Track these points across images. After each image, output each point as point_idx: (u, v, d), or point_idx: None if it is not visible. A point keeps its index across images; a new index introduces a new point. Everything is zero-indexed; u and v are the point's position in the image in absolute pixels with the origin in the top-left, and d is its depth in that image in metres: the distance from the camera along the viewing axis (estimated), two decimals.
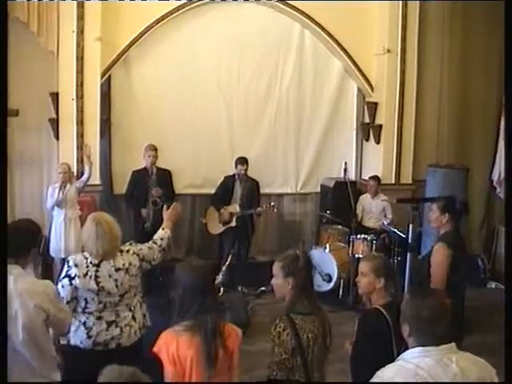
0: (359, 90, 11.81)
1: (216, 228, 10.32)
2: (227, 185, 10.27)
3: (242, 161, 10.18)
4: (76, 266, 4.87)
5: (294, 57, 11.46)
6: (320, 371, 4.34)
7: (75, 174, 9.64)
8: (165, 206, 5.97)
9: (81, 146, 9.91)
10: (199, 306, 3.98)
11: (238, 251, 9.91)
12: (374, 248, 9.70)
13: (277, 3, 10.90)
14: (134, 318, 5.17)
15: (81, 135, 9.97)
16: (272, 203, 10.25)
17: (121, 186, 10.22)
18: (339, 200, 10.86)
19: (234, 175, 10.29)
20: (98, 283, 4.92)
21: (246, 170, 10.17)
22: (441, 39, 11.67)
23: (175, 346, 3.86)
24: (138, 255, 5.21)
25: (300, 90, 11.55)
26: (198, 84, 10.93)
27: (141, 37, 10.36)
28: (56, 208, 9.04)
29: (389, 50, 11.27)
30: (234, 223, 10.13)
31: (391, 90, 11.39)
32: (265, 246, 11.66)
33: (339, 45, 11.28)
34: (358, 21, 11.27)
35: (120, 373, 2.67)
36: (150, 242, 5.50)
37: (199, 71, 10.93)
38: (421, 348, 3.07)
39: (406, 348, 3.25)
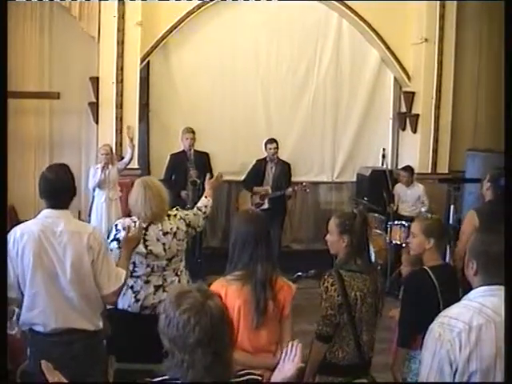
0: (396, 79, 11.81)
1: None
2: (259, 167, 10.29)
3: (271, 141, 10.20)
4: (124, 229, 4.87)
5: (331, 46, 11.49)
6: (369, 335, 4.30)
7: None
8: (208, 175, 6.05)
9: (120, 130, 10.02)
10: (251, 256, 3.99)
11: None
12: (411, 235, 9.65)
13: None
14: (180, 282, 5.21)
15: (120, 119, 10.08)
16: (304, 183, 10.22)
17: (158, 170, 10.27)
18: (375, 189, 10.78)
19: (265, 158, 10.30)
20: (146, 246, 4.96)
21: (276, 149, 10.17)
22: (479, 28, 11.64)
23: (224, 295, 3.81)
24: (184, 220, 5.26)
25: (337, 78, 11.58)
26: (236, 71, 11.02)
27: (180, 23, 10.47)
28: (97, 189, 9.13)
29: (426, 40, 11.26)
30: (266, 205, 10.08)
31: (428, 80, 11.37)
32: (300, 234, 11.68)
33: (377, 34, 11.29)
34: (396, 10, 11.26)
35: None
36: (195, 209, 5.57)
37: (237, 58, 11.02)
38: (486, 287, 3.02)
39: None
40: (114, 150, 9.67)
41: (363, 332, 4.25)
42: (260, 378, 2.69)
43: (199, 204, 5.63)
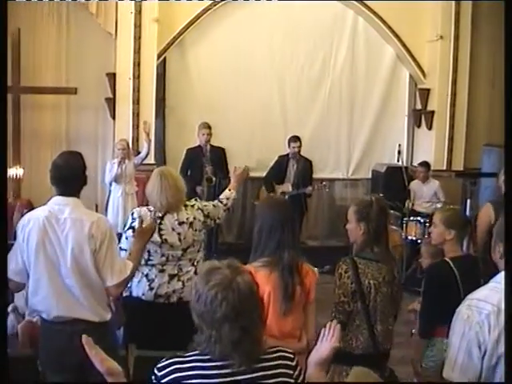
0: (411, 76, 11.82)
1: None
2: (281, 164, 10.31)
3: (295, 139, 10.25)
4: (140, 218, 4.87)
5: (346, 43, 11.55)
6: (384, 325, 4.25)
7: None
8: (236, 167, 6.02)
9: (136, 125, 10.08)
10: (277, 243, 4.01)
11: None
12: (426, 231, 9.67)
13: None
14: (196, 273, 5.08)
15: (137, 114, 10.17)
16: (324, 182, 10.26)
17: (174, 165, 10.23)
18: (391, 185, 10.81)
19: (287, 154, 10.34)
20: (161, 236, 4.96)
21: (300, 148, 10.21)
22: (494, 24, 11.61)
23: None
24: (202, 211, 5.23)
25: (352, 75, 11.62)
26: (252, 67, 11.07)
27: (197, 20, 10.53)
28: (114, 183, 9.18)
29: (442, 37, 11.27)
30: None
31: (444, 77, 11.38)
32: (316, 231, 11.69)
33: (392, 31, 11.31)
34: (412, 8, 11.27)
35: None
36: (216, 201, 5.54)
37: (253, 54, 11.08)
38: None
39: None
40: (130, 145, 9.74)
41: (378, 322, 4.20)
42: (292, 355, 2.70)
43: (221, 196, 5.61)
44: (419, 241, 9.52)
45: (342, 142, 11.75)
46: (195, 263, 5.20)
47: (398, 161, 10.60)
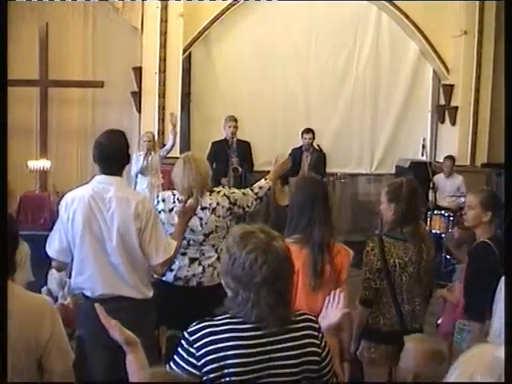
0: (435, 72, 11.82)
1: (284, 199, 10.43)
2: (294, 156, 10.35)
3: (308, 130, 10.34)
4: (163, 201, 4.92)
5: (370, 38, 11.58)
6: (412, 305, 4.34)
7: None
8: (278, 156, 5.94)
9: (162, 119, 10.18)
10: (308, 220, 4.07)
11: None
12: (450, 225, 9.69)
13: None
14: (219, 259, 5.05)
15: (162, 108, 10.28)
16: (339, 174, 10.30)
17: None
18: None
19: (301, 147, 10.42)
20: None
21: (312, 140, 10.28)
22: None
23: None
24: (228, 198, 5.13)
25: (376, 71, 11.66)
26: (277, 62, 11.14)
27: (221, 15, 10.62)
28: (140, 175, 9.27)
29: (466, 32, 11.26)
30: None
31: (468, 72, 11.38)
32: (338, 226, 11.53)
33: (416, 27, 11.33)
34: (435, 3, 11.27)
35: None
36: (247, 189, 5.41)
37: (277, 49, 11.14)
38: None
39: None
40: (156, 138, 9.83)
41: (404, 301, 4.29)
42: (315, 317, 2.77)
43: (255, 185, 5.46)
44: (443, 235, 9.55)
45: (365, 138, 11.78)
46: (219, 250, 5.12)
47: (423, 155, 10.62)
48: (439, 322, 5.61)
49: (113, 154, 4.23)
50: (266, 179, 5.47)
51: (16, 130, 10.22)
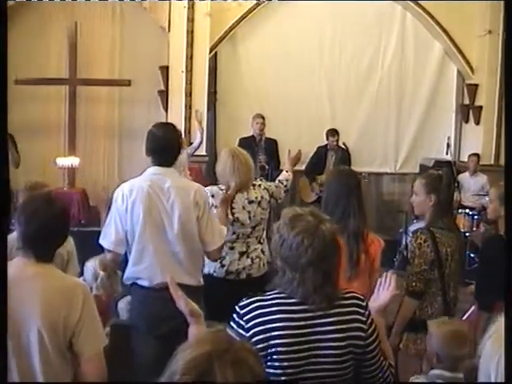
0: (459, 71, 11.84)
1: (309, 196, 10.54)
2: (320, 154, 10.51)
3: (333, 132, 10.53)
4: (212, 196, 5.02)
5: (395, 38, 11.62)
6: (455, 290, 4.47)
7: None
8: (289, 150, 6.21)
9: (189, 117, 10.27)
10: (343, 211, 4.17)
11: None
12: (474, 223, 9.73)
13: None
14: (262, 251, 5.36)
15: (189, 107, 10.35)
16: (363, 173, 10.37)
17: None
18: None
19: (326, 145, 10.62)
20: (232, 214, 5.11)
21: (337, 140, 10.48)
22: None
23: None
24: (267, 190, 5.39)
25: (401, 70, 11.70)
26: (302, 61, 11.21)
27: (248, 14, 10.73)
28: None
29: (490, 32, 11.25)
30: None
31: (492, 72, 11.36)
32: None
33: (440, 26, 11.35)
34: (460, 2, 11.27)
35: None
36: (277, 182, 5.71)
37: (302, 48, 11.23)
38: None
39: None
40: (183, 136, 9.92)
41: (450, 288, 4.41)
42: (362, 296, 2.87)
43: (280, 177, 5.77)
44: (467, 233, 9.58)
45: (389, 137, 11.82)
46: (261, 241, 5.37)
47: (447, 154, 10.66)
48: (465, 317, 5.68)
49: (167, 146, 4.38)
50: (286, 171, 5.82)
51: (45, 127, 10.42)
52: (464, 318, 5.74)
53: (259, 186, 5.38)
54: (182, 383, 1.65)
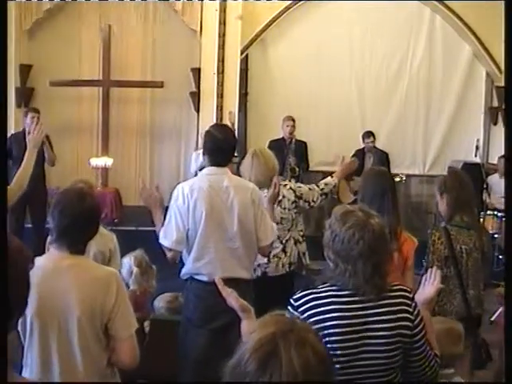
0: (488, 74, 11.86)
1: (347, 197, 10.59)
2: (357, 157, 10.51)
3: (369, 134, 10.68)
4: None
5: (424, 40, 11.67)
6: (476, 290, 4.53)
7: None
8: (343, 156, 6.13)
9: (220, 118, 10.39)
10: (378, 209, 4.25)
11: None
12: (503, 225, 9.75)
13: None
14: (284, 251, 5.44)
15: (220, 108, 10.47)
16: (400, 174, 10.44)
17: None
18: None
19: (363, 149, 10.73)
20: None
21: (374, 142, 10.60)
22: None
23: None
24: (294, 191, 5.46)
25: (430, 72, 11.74)
26: (331, 63, 11.32)
27: (278, 17, 10.87)
28: (199, 173, 9.50)
29: None
30: None
31: None
32: None
33: (469, 29, 11.39)
34: (489, 5, 11.27)
35: None
36: (313, 185, 5.73)
37: (332, 51, 11.33)
38: None
39: None
40: None
41: (470, 286, 4.48)
42: (409, 289, 3.04)
43: (321, 181, 5.77)
44: (496, 235, 9.61)
45: (418, 139, 11.87)
46: (283, 241, 5.43)
47: (476, 156, 10.69)
48: (492, 319, 5.77)
49: (225, 147, 4.53)
50: (332, 176, 5.78)
51: (78, 128, 10.62)
52: (492, 319, 5.85)
53: (285, 186, 5.46)
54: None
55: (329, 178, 5.80)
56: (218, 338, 4.36)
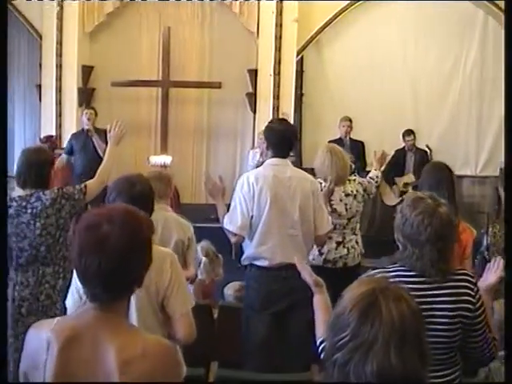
0: None
1: (391, 199, 10.72)
2: (398, 157, 10.71)
3: (409, 132, 10.84)
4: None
5: (477, 41, 11.71)
6: None
7: None
8: (375, 151, 6.80)
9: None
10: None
11: None
12: None
13: None
14: (357, 241, 5.80)
15: (276, 109, 10.72)
16: None
17: (309, 160, 10.72)
18: None
19: (403, 148, 10.90)
20: (331, 205, 5.53)
21: (414, 140, 10.78)
22: None
23: None
24: (361, 184, 5.89)
25: (482, 72, 11.77)
26: (385, 64, 11.43)
27: (333, 20, 11.03)
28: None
29: None
30: None
31: None
32: None
33: None
34: None
35: None
36: (368, 178, 6.21)
37: (386, 52, 11.44)
38: None
39: None
40: None
41: None
42: (472, 274, 3.26)
43: (371, 174, 6.29)
44: None
45: (471, 140, 11.92)
46: (356, 232, 5.81)
47: None
48: None
49: (286, 139, 4.81)
50: (375, 169, 6.36)
51: (139, 127, 10.91)
52: None
53: (354, 180, 5.87)
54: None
55: (373, 170, 6.35)
56: (278, 322, 4.66)
